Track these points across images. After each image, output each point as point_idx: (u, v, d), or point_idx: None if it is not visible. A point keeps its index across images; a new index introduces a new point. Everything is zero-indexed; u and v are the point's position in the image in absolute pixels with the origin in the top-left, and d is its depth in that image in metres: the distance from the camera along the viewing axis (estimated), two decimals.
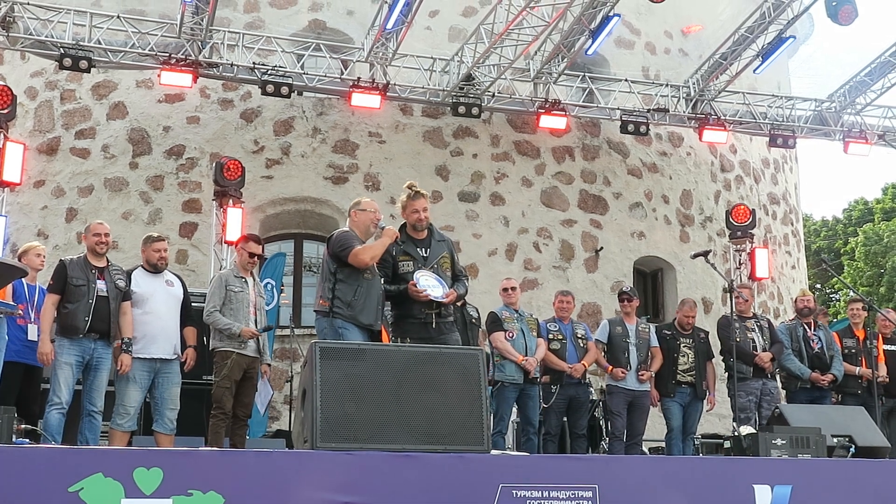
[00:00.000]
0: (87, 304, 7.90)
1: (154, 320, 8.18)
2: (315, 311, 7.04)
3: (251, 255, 8.62)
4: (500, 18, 12.68)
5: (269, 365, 9.08)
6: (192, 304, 8.60)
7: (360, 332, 6.94)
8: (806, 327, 10.72)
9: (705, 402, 10.33)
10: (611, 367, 10.10)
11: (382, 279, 7.24)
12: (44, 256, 8.71)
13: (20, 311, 8.15)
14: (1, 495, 4.25)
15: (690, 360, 10.26)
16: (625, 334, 10.19)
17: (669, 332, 10.45)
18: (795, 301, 11.15)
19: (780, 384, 11.09)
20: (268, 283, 11.83)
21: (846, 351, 10.66)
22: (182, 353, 8.30)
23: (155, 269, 8.42)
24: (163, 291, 8.35)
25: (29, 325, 8.31)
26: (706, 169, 17.48)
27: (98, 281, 8.03)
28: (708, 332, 10.81)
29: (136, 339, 8.07)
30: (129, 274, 8.35)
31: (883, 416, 10.12)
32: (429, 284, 7.07)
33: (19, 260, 8.33)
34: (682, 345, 10.32)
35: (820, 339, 10.62)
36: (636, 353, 10.13)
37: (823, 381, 10.37)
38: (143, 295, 8.24)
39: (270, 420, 12.05)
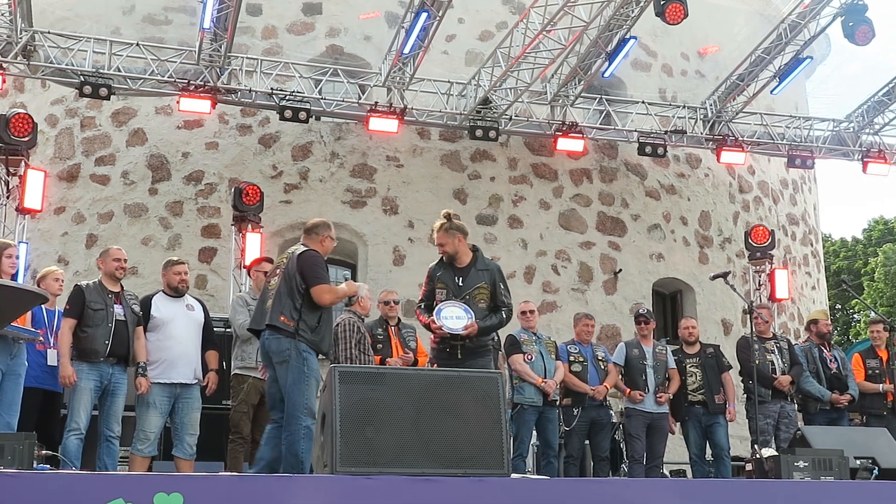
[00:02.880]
0: (106, 328, 7.92)
1: (174, 345, 8.19)
2: (275, 325, 6.75)
3: (266, 273, 8.63)
4: (517, 42, 12.74)
5: None
6: (213, 328, 8.61)
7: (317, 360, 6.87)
8: (822, 348, 10.65)
9: (726, 414, 10.21)
10: (628, 390, 10.06)
11: (424, 305, 7.33)
12: (62, 281, 8.72)
13: (41, 338, 8.18)
14: None
15: (698, 378, 10.20)
16: (642, 357, 10.15)
17: (676, 356, 10.42)
18: (817, 324, 10.98)
19: (797, 406, 11.02)
20: None
21: (870, 372, 10.58)
22: (204, 377, 8.31)
23: (176, 292, 8.44)
24: (183, 316, 8.36)
25: (48, 350, 8.30)
26: (724, 190, 17.45)
27: (115, 305, 8.06)
28: (718, 346, 10.76)
29: (156, 363, 8.10)
30: (149, 299, 8.39)
31: None
32: (452, 315, 7.03)
33: (38, 285, 8.36)
34: (688, 365, 10.29)
35: (836, 359, 10.55)
36: (653, 375, 10.08)
37: (843, 401, 10.31)
38: (163, 320, 8.25)
39: None
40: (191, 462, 8.16)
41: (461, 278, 7.25)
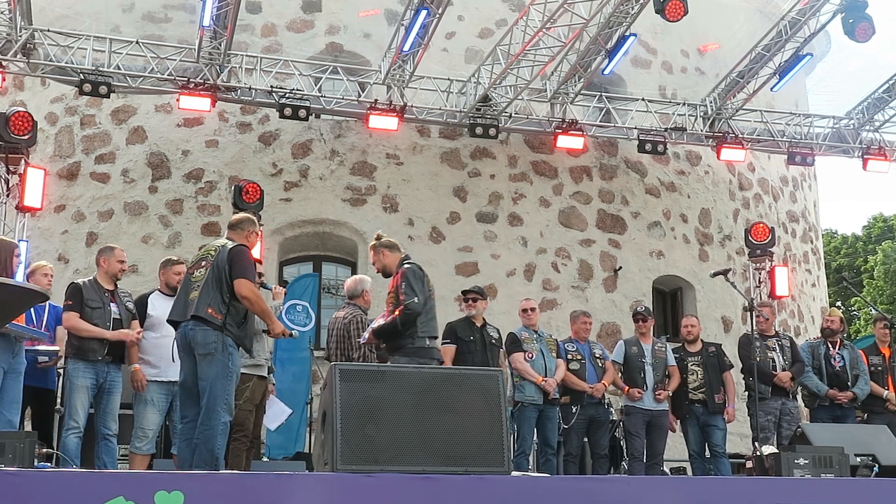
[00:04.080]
0: (104, 327, 7.95)
1: (171, 343, 8.18)
2: (202, 317, 6.63)
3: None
4: (517, 39, 12.72)
5: (274, 384, 9.14)
6: None
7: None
8: (829, 346, 10.65)
9: (724, 414, 10.22)
10: (627, 388, 10.06)
11: None
12: (51, 276, 8.68)
13: (48, 338, 8.17)
14: None
15: (699, 376, 10.20)
16: (640, 354, 10.14)
17: (678, 354, 10.41)
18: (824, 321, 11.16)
19: (801, 403, 11.01)
20: (296, 304, 11.88)
21: (872, 369, 10.58)
22: None
23: (174, 291, 8.43)
24: None
25: (41, 346, 8.30)
26: (724, 187, 17.44)
27: (111, 304, 8.08)
28: (720, 345, 10.77)
29: (154, 362, 8.10)
30: (145, 298, 8.38)
31: None
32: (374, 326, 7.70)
33: (27, 280, 8.36)
34: (689, 363, 10.29)
35: (842, 358, 10.53)
36: (652, 372, 10.07)
37: (841, 398, 10.31)
38: (160, 318, 8.21)
39: None
40: None
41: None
